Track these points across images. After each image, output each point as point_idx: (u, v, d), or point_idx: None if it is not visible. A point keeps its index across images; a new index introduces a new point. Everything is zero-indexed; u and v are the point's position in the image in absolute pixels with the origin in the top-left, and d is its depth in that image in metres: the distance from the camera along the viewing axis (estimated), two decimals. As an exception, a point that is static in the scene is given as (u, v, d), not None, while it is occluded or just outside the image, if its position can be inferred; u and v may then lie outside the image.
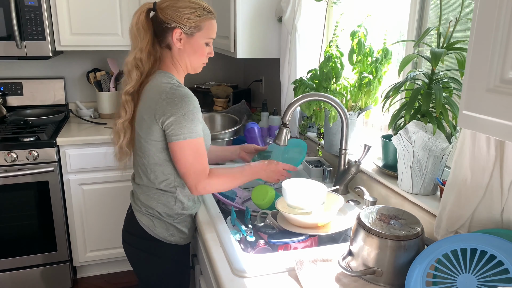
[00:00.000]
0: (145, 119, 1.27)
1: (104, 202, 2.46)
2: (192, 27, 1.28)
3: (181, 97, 1.23)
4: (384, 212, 1.06)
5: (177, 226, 1.38)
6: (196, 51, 1.32)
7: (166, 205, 1.35)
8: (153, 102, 1.24)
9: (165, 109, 1.22)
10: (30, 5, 2.24)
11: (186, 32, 1.28)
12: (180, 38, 1.29)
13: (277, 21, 2.11)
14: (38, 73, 2.80)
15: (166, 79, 1.28)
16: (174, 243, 1.39)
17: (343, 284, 0.99)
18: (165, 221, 1.36)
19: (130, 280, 2.59)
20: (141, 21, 1.28)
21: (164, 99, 1.22)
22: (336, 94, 1.63)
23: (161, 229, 1.36)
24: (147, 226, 1.36)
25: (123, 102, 1.32)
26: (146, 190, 1.36)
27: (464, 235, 0.99)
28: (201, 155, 1.27)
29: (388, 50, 1.55)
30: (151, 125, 1.26)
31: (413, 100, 1.19)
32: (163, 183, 1.34)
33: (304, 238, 1.21)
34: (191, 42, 1.30)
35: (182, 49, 1.31)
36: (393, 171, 1.40)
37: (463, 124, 0.71)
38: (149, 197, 1.36)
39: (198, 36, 1.30)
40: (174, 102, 1.22)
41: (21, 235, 2.32)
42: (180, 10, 1.26)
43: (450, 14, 1.33)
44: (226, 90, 2.73)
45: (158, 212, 1.35)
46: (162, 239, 1.37)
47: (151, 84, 1.29)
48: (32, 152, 2.20)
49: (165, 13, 1.27)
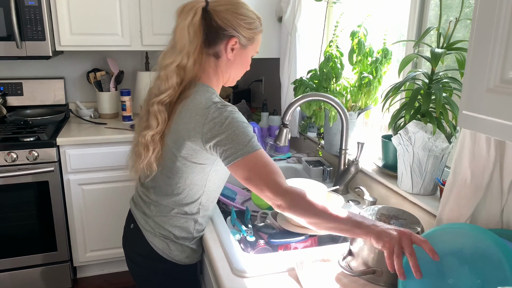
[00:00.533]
0: (186, 140, 1.11)
1: (104, 202, 2.46)
2: (248, 39, 1.18)
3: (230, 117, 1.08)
4: (384, 212, 1.06)
5: (193, 247, 1.27)
6: (243, 64, 1.23)
7: (184, 229, 1.23)
8: (198, 124, 1.09)
9: (214, 131, 1.07)
10: (30, 5, 2.24)
11: (241, 43, 1.17)
12: (233, 48, 1.17)
13: (277, 21, 2.11)
14: (38, 73, 2.80)
15: (209, 95, 1.14)
16: (189, 264, 1.29)
17: (343, 284, 0.99)
18: (181, 243, 1.24)
19: (130, 280, 2.58)
20: (194, 23, 1.11)
21: (212, 120, 1.07)
22: (336, 94, 1.63)
23: (177, 251, 1.24)
24: (161, 250, 1.23)
25: (155, 112, 1.14)
26: (164, 210, 1.22)
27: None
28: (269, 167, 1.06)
29: (388, 50, 1.55)
30: (195, 147, 1.11)
31: (413, 100, 1.19)
32: (188, 206, 1.21)
33: (304, 238, 1.21)
34: (242, 54, 1.20)
35: (232, 60, 1.19)
36: (393, 171, 1.40)
37: (463, 124, 0.71)
38: (167, 219, 1.22)
39: (250, 49, 1.21)
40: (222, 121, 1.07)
41: (21, 235, 2.32)
42: (241, 18, 1.15)
43: (450, 14, 1.33)
44: (226, 90, 2.74)
45: (175, 235, 1.22)
46: (178, 261, 1.25)
47: (192, 101, 1.13)
48: (32, 152, 2.20)
49: (224, 17, 1.13)
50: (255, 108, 2.79)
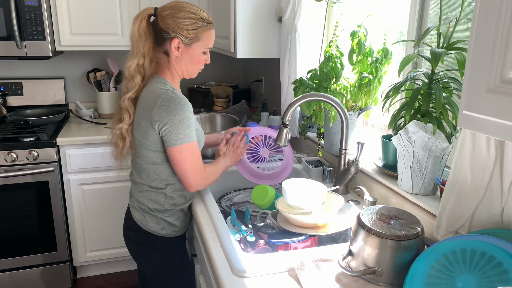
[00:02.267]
0: (142, 124, 1.33)
1: (104, 202, 2.46)
2: (191, 38, 1.33)
3: (176, 104, 1.28)
4: (384, 212, 1.06)
5: (167, 220, 1.45)
6: (193, 60, 1.37)
7: (156, 201, 1.42)
8: (149, 109, 1.30)
9: (161, 116, 1.28)
10: (30, 5, 2.24)
11: (184, 42, 1.33)
12: (178, 47, 1.33)
13: (277, 21, 2.11)
14: (38, 73, 2.80)
15: (161, 85, 1.33)
16: (166, 236, 1.46)
17: (343, 284, 0.99)
18: (155, 215, 1.43)
19: (130, 280, 2.59)
20: (142, 27, 1.31)
21: (160, 106, 1.28)
22: (336, 94, 1.63)
23: (152, 223, 1.44)
24: (139, 221, 1.44)
25: (126, 107, 1.36)
26: (139, 187, 1.44)
27: (464, 236, 1.00)
28: (197, 157, 1.37)
29: (388, 50, 1.55)
30: (147, 130, 1.32)
31: (413, 100, 1.19)
32: (155, 182, 1.41)
33: (304, 238, 1.21)
34: (188, 51, 1.35)
35: (180, 57, 1.35)
36: (393, 171, 1.40)
37: (463, 124, 0.71)
38: (142, 194, 1.43)
39: (196, 46, 1.35)
40: (170, 109, 1.28)
41: (21, 235, 2.32)
42: (180, 21, 1.30)
43: (450, 14, 1.33)
44: (226, 90, 2.74)
45: (149, 207, 1.43)
46: (154, 232, 1.44)
47: (147, 89, 1.34)
48: (32, 152, 2.20)
49: (165, 22, 1.30)
50: (255, 108, 2.79)
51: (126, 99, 1.35)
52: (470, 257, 0.85)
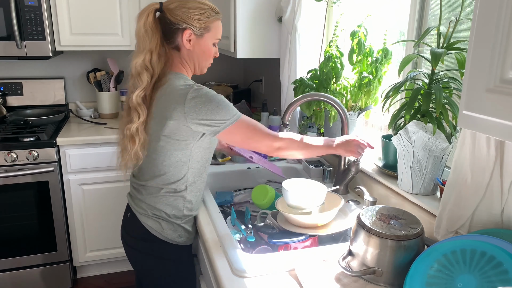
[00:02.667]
0: (170, 123, 1.23)
1: (104, 202, 2.46)
2: (202, 28, 1.29)
3: (206, 94, 1.22)
4: (384, 212, 1.06)
5: (184, 226, 1.37)
6: (205, 52, 1.33)
7: (174, 206, 1.33)
8: (179, 105, 1.21)
9: (196, 108, 1.20)
10: (30, 5, 2.24)
11: (196, 33, 1.29)
12: (190, 39, 1.29)
13: (277, 21, 2.11)
14: (38, 73, 2.80)
15: (183, 80, 1.28)
16: (182, 244, 1.38)
17: (343, 284, 0.99)
18: (173, 222, 1.34)
19: (130, 280, 2.59)
20: (149, 22, 1.26)
21: (191, 99, 1.20)
22: (336, 94, 1.63)
23: (170, 230, 1.34)
24: (154, 230, 1.33)
25: (135, 106, 1.27)
26: (153, 191, 1.33)
27: (464, 236, 0.99)
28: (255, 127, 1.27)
29: (388, 50, 1.55)
30: (179, 127, 1.23)
31: (413, 100, 1.19)
32: (175, 184, 1.31)
33: (304, 238, 1.21)
34: (200, 43, 1.31)
35: (192, 50, 1.31)
36: (393, 171, 1.40)
37: (463, 124, 0.71)
38: (157, 199, 1.33)
39: (207, 37, 1.31)
40: (203, 99, 1.21)
41: (21, 235, 2.32)
42: (190, 11, 1.26)
43: (451, 14, 1.33)
44: (226, 90, 2.73)
45: (166, 213, 1.33)
46: (171, 240, 1.35)
47: (169, 86, 1.26)
48: (32, 152, 2.20)
49: (175, 14, 1.26)
50: (255, 108, 2.79)
51: (134, 97, 1.26)
52: (470, 257, 0.85)
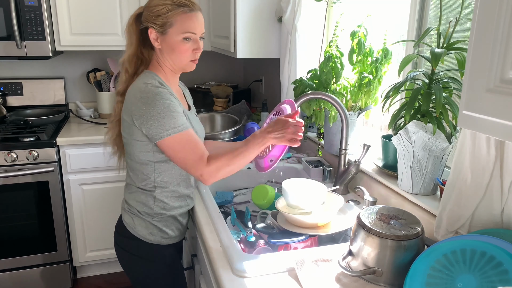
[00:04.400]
0: (126, 120, 1.28)
1: (104, 202, 2.46)
2: (163, 24, 1.24)
3: (154, 96, 1.21)
4: (384, 212, 1.06)
5: (157, 225, 1.36)
6: (174, 49, 1.26)
7: (145, 204, 1.35)
8: (130, 103, 1.25)
9: (140, 111, 1.21)
10: (30, 5, 2.24)
11: (158, 31, 1.25)
12: (157, 37, 1.27)
13: (277, 21, 2.11)
14: (38, 73, 2.80)
15: (148, 79, 1.26)
16: (156, 243, 1.37)
17: (343, 284, 0.99)
18: (144, 219, 1.36)
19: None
20: (129, 24, 1.32)
21: (139, 99, 1.22)
22: (336, 94, 1.63)
23: (140, 227, 1.36)
24: (128, 224, 1.37)
25: (116, 100, 1.36)
26: (129, 188, 1.39)
27: (464, 236, 0.99)
28: (192, 145, 1.22)
29: (388, 50, 1.55)
30: (130, 126, 1.26)
31: (413, 100, 1.19)
32: (143, 183, 1.34)
33: (304, 238, 1.21)
34: (166, 40, 1.26)
35: (161, 48, 1.28)
36: (393, 171, 1.40)
37: (463, 124, 0.71)
38: (130, 195, 1.38)
39: (171, 33, 1.25)
40: (148, 101, 1.20)
41: (21, 235, 2.32)
42: (151, 9, 1.26)
43: (450, 15, 1.33)
44: (226, 90, 2.74)
45: (138, 210, 1.36)
46: (142, 237, 1.36)
47: (133, 84, 1.29)
48: (32, 152, 2.20)
49: (143, 15, 1.29)
50: (255, 108, 2.79)
51: (116, 93, 1.36)
52: (470, 257, 0.85)
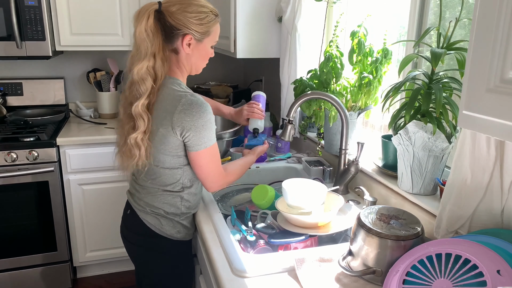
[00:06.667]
0: (160, 130, 1.25)
1: (104, 202, 2.46)
2: (203, 33, 1.27)
3: (198, 108, 1.22)
4: (384, 212, 1.06)
5: (183, 223, 1.40)
6: (203, 55, 1.33)
7: (172, 205, 1.36)
8: (169, 114, 1.23)
9: (184, 121, 1.22)
10: (30, 5, 2.24)
11: (196, 38, 1.27)
12: (190, 44, 1.27)
13: (277, 21, 2.10)
14: (38, 73, 2.80)
15: (176, 86, 1.27)
16: (181, 239, 1.41)
17: (343, 284, 0.99)
18: (171, 219, 1.37)
19: (130, 280, 2.59)
20: (150, 25, 1.21)
21: (181, 111, 1.21)
22: (336, 94, 1.63)
23: (168, 226, 1.37)
24: (153, 225, 1.36)
25: (139, 114, 1.23)
26: (152, 191, 1.36)
27: (464, 236, 0.99)
28: (218, 159, 1.34)
29: (388, 50, 1.55)
30: (167, 136, 1.25)
31: (413, 100, 1.19)
32: (171, 186, 1.34)
33: (304, 238, 1.21)
34: (199, 47, 1.30)
35: (190, 54, 1.29)
36: (393, 171, 1.40)
37: (463, 124, 0.71)
38: (155, 198, 1.36)
39: (206, 41, 1.30)
40: (192, 113, 1.21)
41: (21, 235, 2.32)
42: (191, 16, 1.24)
43: (450, 14, 1.33)
44: (226, 90, 2.73)
45: (165, 211, 1.36)
46: (169, 236, 1.38)
47: (163, 93, 1.25)
48: (32, 152, 2.20)
49: (176, 18, 1.23)
50: (255, 108, 2.79)
51: (139, 105, 1.22)
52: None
